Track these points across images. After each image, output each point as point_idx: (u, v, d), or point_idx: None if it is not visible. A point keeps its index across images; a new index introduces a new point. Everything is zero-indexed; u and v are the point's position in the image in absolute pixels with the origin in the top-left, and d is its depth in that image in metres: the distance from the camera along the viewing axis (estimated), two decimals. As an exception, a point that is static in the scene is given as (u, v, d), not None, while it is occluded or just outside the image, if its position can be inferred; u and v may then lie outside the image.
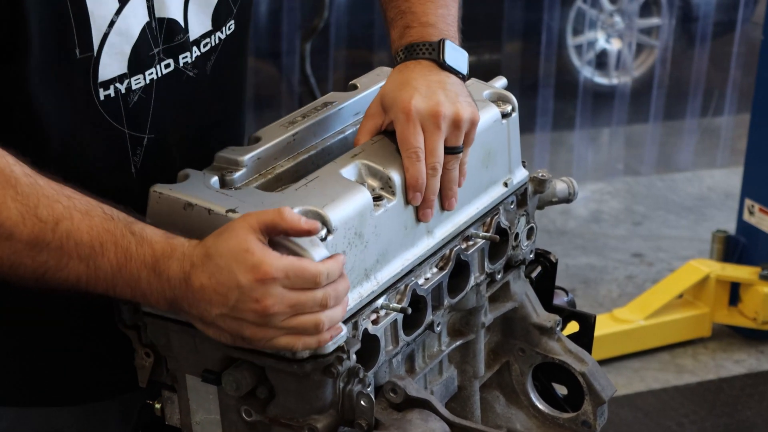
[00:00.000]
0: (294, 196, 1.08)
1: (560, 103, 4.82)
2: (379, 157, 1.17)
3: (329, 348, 1.05)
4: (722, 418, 3.09)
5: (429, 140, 1.17)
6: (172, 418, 1.18)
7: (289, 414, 1.09)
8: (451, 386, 1.33)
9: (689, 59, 4.97)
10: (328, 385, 1.07)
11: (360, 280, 1.11)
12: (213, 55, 1.25)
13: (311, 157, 1.23)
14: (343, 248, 1.08)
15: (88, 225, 1.02)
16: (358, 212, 1.10)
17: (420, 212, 1.19)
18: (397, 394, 1.13)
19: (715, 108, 5.09)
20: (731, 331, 3.50)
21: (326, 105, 1.29)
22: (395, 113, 1.18)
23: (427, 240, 1.20)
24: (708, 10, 4.97)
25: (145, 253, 1.02)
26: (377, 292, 1.13)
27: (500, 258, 1.33)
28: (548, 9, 4.59)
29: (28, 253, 1.00)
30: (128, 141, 1.18)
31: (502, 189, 1.32)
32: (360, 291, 1.11)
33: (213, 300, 1.01)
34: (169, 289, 1.03)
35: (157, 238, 1.03)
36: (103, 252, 1.02)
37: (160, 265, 1.02)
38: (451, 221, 1.24)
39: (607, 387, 1.38)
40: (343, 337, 1.06)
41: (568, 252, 4.05)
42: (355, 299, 1.10)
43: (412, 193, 1.17)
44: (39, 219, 1.00)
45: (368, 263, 1.12)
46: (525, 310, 1.39)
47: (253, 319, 1.01)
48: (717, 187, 4.76)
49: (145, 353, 1.16)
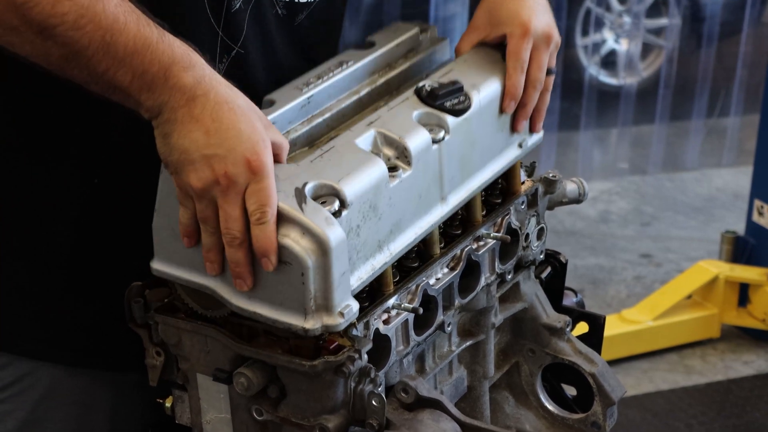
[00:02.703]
0: (310, 169, 1.07)
1: (567, 102, 4.82)
2: (395, 125, 1.16)
3: (341, 325, 1.03)
4: (731, 419, 3.08)
5: (538, 57, 1.25)
6: (183, 417, 1.19)
7: (300, 413, 1.09)
8: (461, 386, 1.33)
9: (696, 59, 4.96)
10: (340, 384, 1.07)
11: (373, 252, 1.10)
12: (306, 10, 1.28)
13: (326, 121, 1.21)
14: (358, 222, 1.06)
15: (118, 2, 1.00)
16: (373, 185, 1.09)
17: (517, 121, 1.28)
18: (409, 394, 1.13)
19: (721, 108, 5.08)
20: (740, 332, 3.50)
21: (341, 64, 1.26)
22: (512, 28, 1.25)
23: (441, 207, 1.19)
24: (715, 10, 4.96)
25: (164, 51, 1.01)
26: (389, 262, 1.12)
27: (511, 258, 1.32)
28: (556, 9, 4.59)
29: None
30: (219, 45, 1.19)
31: (516, 151, 1.31)
32: (372, 263, 1.09)
33: (196, 138, 1.00)
34: (166, 99, 1.01)
35: (179, 44, 1.02)
36: (124, 29, 1.00)
37: (173, 70, 1.01)
38: (465, 186, 1.23)
39: (617, 388, 1.38)
40: (355, 313, 1.04)
41: (576, 252, 4.05)
42: (367, 271, 1.09)
43: (508, 101, 1.25)
44: None
45: (381, 234, 1.10)
46: (535, 310, 1.38)
47: (209, 180, 0.99)
48: (726, 187, 4.75)
49: (156, 352, 1.16)
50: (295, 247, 1.00)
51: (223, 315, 1.09)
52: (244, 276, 1.02)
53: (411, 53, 1.33)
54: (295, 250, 1.00)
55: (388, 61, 1.30)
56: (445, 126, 1.18)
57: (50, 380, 1.27)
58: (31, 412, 1.28)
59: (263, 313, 1.04)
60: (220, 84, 1.03)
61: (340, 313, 1.03)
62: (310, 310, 1.02)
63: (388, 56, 1.27)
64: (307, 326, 1.02)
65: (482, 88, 1.23)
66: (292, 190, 1.03)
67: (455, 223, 1.25)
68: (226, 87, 1.03)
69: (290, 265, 1.01)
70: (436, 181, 1.18)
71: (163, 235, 1.08)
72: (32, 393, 1.27)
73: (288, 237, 1.01)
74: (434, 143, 1.17)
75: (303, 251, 1.00)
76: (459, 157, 1.21)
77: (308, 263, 1.00)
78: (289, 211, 1.02)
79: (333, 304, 1.03)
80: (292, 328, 1.03)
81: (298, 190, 1.03)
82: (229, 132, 1.00)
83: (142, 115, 1.04)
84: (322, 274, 1.01)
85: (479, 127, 1.23)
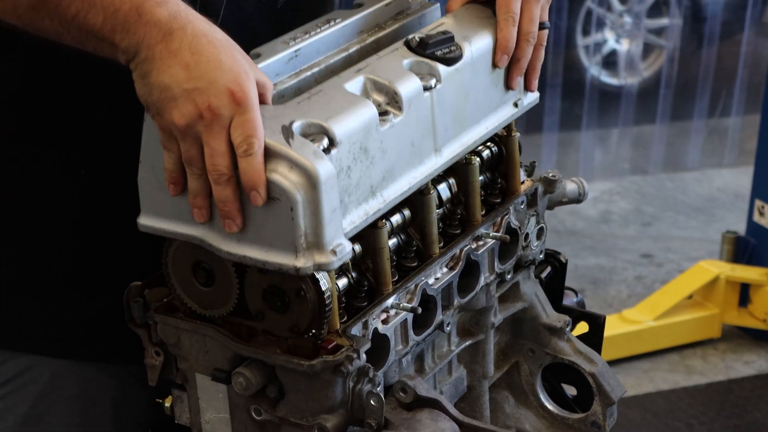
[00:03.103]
0: (297, 109, 1.05)
1: (568, 102, 4.82)
2: (385, 72, 1.14)
3: (334, 263, 1.01)
4: (731, 419, 3.08)
5: (529, 10, 1.22)
6: (182, 417, 1.19)
7: (299, 413, 1.09)
8: (461, 386, 1.33)
9: (697, 59, 4.96)
10: (338, 384, 1.07)
11: (366, 197, 1.08)
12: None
13: (314, 75, 1.18)
14: (348, 163, 1.04)
15: None
16: (363, 126, 1.07)
17: (511, 78, 1.24)
18: (407, 394, 1.13)
19: (722, 108, 5.08)
20: (741, 332, 3.49)
21: (329, 22, 1.24)
22: None
23: (435, 158, 1.17)
24: (716, 10, 4.96)
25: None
26: (383, 210, 1.10)
27: (510, 258, 1.32)
28: (556, 9, 4.58)
29: None
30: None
31: (512, 110, 1.29)
32: (366, 208, 1.08)
33: (176, 73, 0.97)
34: (141, 37, 0.98)
35: None
36: None
37: (146, 6, 0.97)
38: (460, 140, 1.21)
39: (617, 388, 1.38)
40: (348, 253, 1.02)
41: (577, 252, 4.05)
42: (360, 216, 1.07)
43: (500, 55, 1.21)
44: None
45: (374, 180, 1.09)
46: (535, 310, 1.38)
47: (193, 115, 0.97)
48: (726, 187, 4.75)
49: (155, 352, 1.16)
50: (283, 182, 0.98)
51: (222, 315, 1.09)
52: (233, 215, 0.99)
53: (400, 15, 1.31)
54: (284, 185, 0.98)
55: (377, 21, 1.27)
56: (437, 74, 1.16)
57: (50, 375, 1.27)
58: (32, 408, 1.28)
59: (253, 256, 1.01)
60: (197, 18, 1.00)
61: (332, 251, 1.00)
62: (301, 247, 0.99)
63: (377, 16, 1.24)
64: (299, 264, 0.99)
65: (474, 41, 1.21)
66: (278, 128, 1.01)
67: (454, 222, 1.25)
68: (204, 21, 1.00)
69: (279, 201, 0.98)
70: (429, 130, 1.16)
71: (148, 187, 1.06)
72: (33, 388, 1.27)
73: (276, 172, 0.98)
74: (425, 90, 1.14)
75: (291, 185, 0.98)
76: (452, 108, 1.19)
77: (297, 197, 0.98)
78: (275, 146, 0.99)
79: (324, 241, 1.00)
80: (283, 268, 1.00)
81: (285, 127, 1.01)
82: (209, 64, 0.97)
83: (120, 59, 1.01)
84: (311, 209, 0.99)
85: (472, 79, 1.21)
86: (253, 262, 1.02)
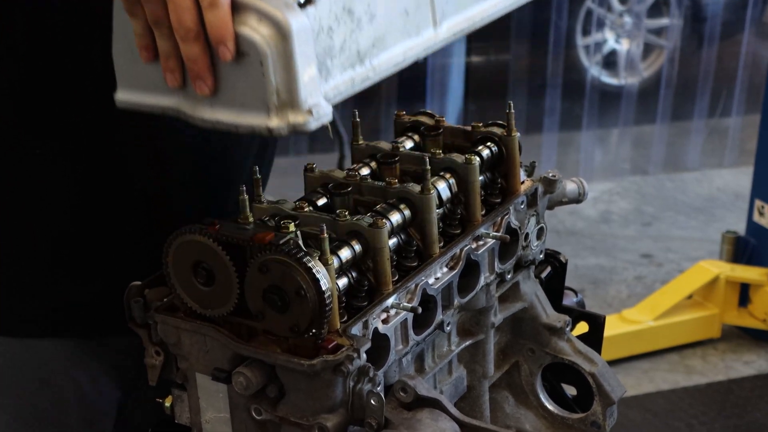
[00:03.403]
0: None
1: (568, 102, 4.82)
2: None
3: (310, 123, 0.96)
4: (731, 419, 3.08)
5: None
6: (182, 417, 1.19)
7: (299, 413, 1.09)
8: (461, 386, 1.33)
9: (697, 59, 4.97)
10: (338, 384, 1.07)
11: (352, 63, 1.03)
12: None
13: None
14: (329, 23, 1.00)
15: None
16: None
17: None
18: (408, 394, 1.13)
19: (722, 108, 5.08)
20: (741, 332, 3.50)
21: None
22: None
23: (433, 31, 1.12)
24: (716, 10, 4.97)
25: None
26: (373, 79, 1.05)
27: (510, 258, 1.32)
28: (556, 9, 4.59)
29: None
30: None
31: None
32: (352, 74, 1.03)
33: None
34: None
35: None
36: None
37: None
38: (462, 14, 1.16)
39: (617, 388, 1.38)
40: (326, 114, 0.97)
41: (577, 252, 4.05)
42: (345, 82, 1.02)
43: None
44: None
45: (362, 46, 1.03)
46: (535, 310, 1.38)
47: None
48: (726, 187, 4.75)
49: (155, 351, 1.16)
50: (252, 35, 0.94)
51: (222, 314, 1.09)
52: (203, 74, 0.96)
53: None
54: (252, 38, 0.94)
55: None
56: None
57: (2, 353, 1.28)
58: None
59: (225, 119, 0.98)
60: None
61: (308, 111, 0.95)
62: (273, 105, 0.95)
63: None
64: (271, 124, 0.95)
65: None
66: None
67: (455, 222, 1.25)
68: None
69: (248, 56, 0.94)
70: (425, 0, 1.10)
71: (122, 59, 1.03)
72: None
73: (245, 24, 0.94)
74: None
75: (261, 38, 0.93)
76: None
77: (266, 50, 0.93)
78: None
79: (299, 99, 0.95)
80: (255, 129, 0.97)
81: None
82: None
83: None
84: (283, 63, 0.94)
85: None
86: (227, 127, 0.98)
